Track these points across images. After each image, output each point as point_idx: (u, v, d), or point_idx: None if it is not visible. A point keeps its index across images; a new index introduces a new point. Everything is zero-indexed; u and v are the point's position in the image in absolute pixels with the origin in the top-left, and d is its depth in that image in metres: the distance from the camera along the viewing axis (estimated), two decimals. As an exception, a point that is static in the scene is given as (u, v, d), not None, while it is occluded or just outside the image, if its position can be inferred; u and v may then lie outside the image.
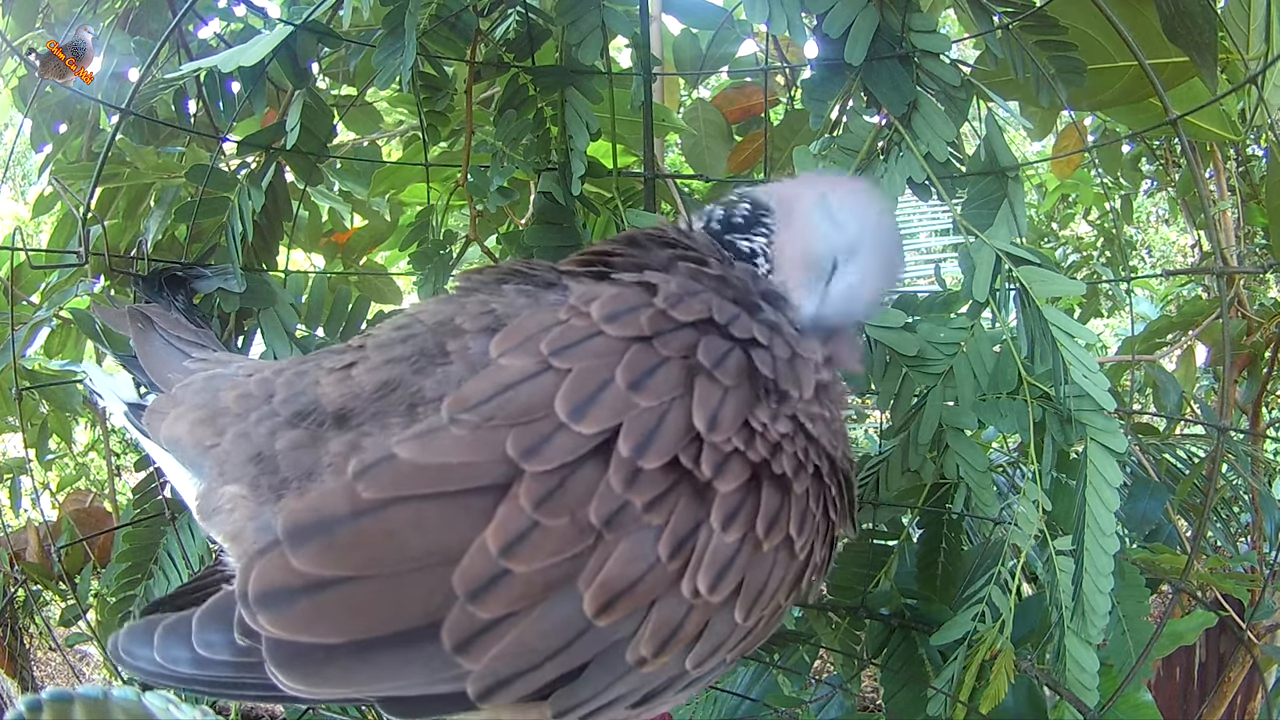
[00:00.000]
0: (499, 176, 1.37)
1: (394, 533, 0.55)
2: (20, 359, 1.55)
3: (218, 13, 1.55)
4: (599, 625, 0.57)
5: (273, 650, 0.55)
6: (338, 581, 0.55)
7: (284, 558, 0.56)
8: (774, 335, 0.67)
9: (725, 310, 0.65)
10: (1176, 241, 5.20)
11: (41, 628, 2.25)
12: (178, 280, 1.07)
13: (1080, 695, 1.02)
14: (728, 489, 0.60)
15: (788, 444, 0.63)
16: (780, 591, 0.64)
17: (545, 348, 0.61)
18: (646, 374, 0.60)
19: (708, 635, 0.61)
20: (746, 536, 0.60)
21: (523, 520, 0.56)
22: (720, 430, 0.60)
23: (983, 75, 1.37)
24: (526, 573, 0.55)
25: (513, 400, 0.59)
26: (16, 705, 0.48)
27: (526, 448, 0.57)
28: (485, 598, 0.55)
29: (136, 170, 1.51)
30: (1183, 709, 2.16)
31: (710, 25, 1.83)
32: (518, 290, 0.70)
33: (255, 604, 0.56)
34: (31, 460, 1.89)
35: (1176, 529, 1.75)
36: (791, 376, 0.65)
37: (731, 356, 0.63)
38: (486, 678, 0.56)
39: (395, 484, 0.56)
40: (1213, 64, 1.17)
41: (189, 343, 0.86)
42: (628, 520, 0.57)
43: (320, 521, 0.56)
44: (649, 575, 0.57)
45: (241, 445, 0.65)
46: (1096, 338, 1.06)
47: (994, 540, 1.36)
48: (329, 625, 0.55)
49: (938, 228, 3.86)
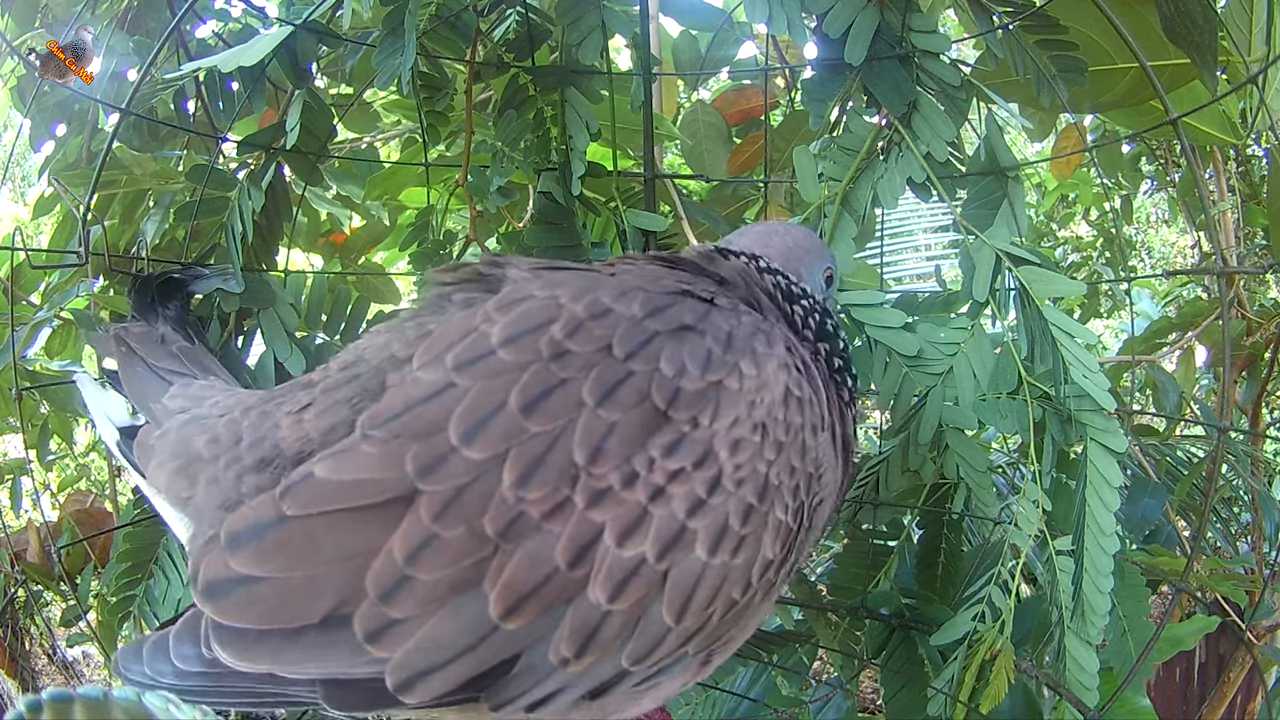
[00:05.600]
0: (499, 177, 1.37)
1: (312, 538, 0.63)
2: (20, 359, 1.55)
3: (215, 14, 1.55)
4: (508, 627, 0.61)
5: (215, 631, 0.64)
6: (266, 578, 0.63)
7: (224, 557, 0.64)
8: (706, 357, 0.67)
9: (631, 337, 0.66)
10: (1176, 242, 5.20)
11: (42, 628, 2.25)
12: (172, 286, 1.07)
13: (1080, 695, 1.02)
14: (610, 516, 0.62)
15: (685, 475, 0.64)
16: (724, 591, 0.65)
17: (451, 361, 0.65)
18: (541, 396, 0.63)
19: (639, 635, 0.64)
20: (644, 553, 0.62)
21: (423, 531, 0.61)
22: (601, 464, 0.62)
23: (983, 76, 1.37)
24: (430, 580, 0.61)
25: (419, 417, 0.64)
26: (16, 705, 0.48)
27: (423, 466, 0.62)
28: (394, 600, 0.61)
29: (134, 176, 1.51)
30: (1182, 709, 2.16)
31: (709, 27, 1.82)
32: (465, 301, 0.74)
33: (201, 593, 0.64)
34: (32, 461, 1.89)
35: (1176, 530, 1.75)
36: (703, 403, 0.66)
37: (625, 386, 0.64)
38: (404, 669, 0.61)
39: (313, 500, 0.63)
40: (1213, 65, 1.17)
41: (171, 371, 0.91)
42: (525, 529, 0.61)
43: (251, 528, 0.64)
44: (552, 581, 0.61)
45: (213, 492, 0.72)
46: (1096, 338, 1.06)
47: (994, 540, 1.37)
48: (259, 613, 0.62)
49: (937, 227, 3.86)
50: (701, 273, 0.81)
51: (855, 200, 1.16)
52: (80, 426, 2.21)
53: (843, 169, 1.16)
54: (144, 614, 1.23)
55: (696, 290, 0.73)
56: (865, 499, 1.30)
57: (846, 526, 1.40)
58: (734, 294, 0.79)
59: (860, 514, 1.34)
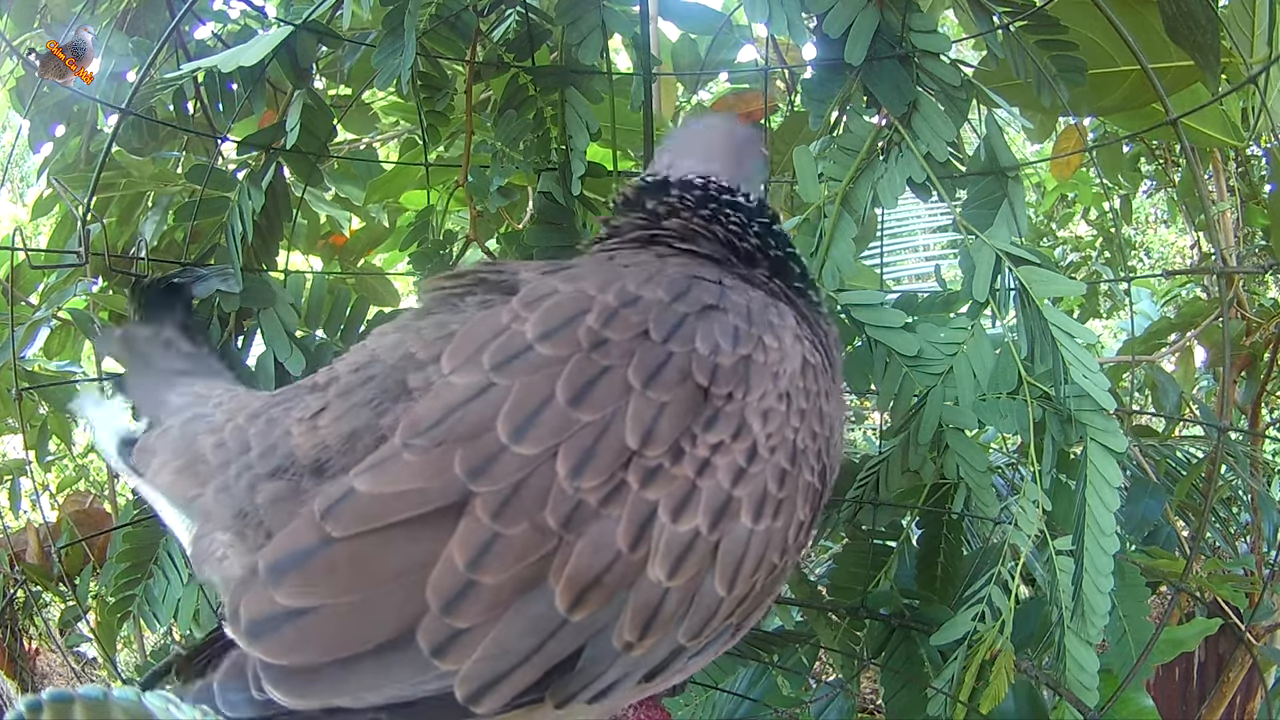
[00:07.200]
0: (499, 177, 1.37)
1: (362, 559, 0.60)
2: (20, 359, 1.55)
3: (214, 15, 1.55)
4: (575, 620, 0.60)
5: (266, 672, 0.60)
6: (315, 609, 0.60)
7: (267, 592, 0.60)
8: (735, 333, 0.69)
9: (665, 321, 0.67)
10: (1175, 243, 5.21)
11: (42, 629, 2.24)
12: (174, 290, 1.06)
13: (1080, 695, 1.02)
14: (664, 494, 0.62)
15: (725, 447, 0.65)
16: (767, 557, 0.67)
17: (488, 361, 0.64)
18: (587, 386, 0.63)
19: (694, 610, 0.64)
20: (698, 527, 0.63)
21: (484, 533, 0.59)
22: (654, 446, 0.63)
23: (984, 77, 1.37)
24: (494, 583, 0.59)
25: (461, 421, 0.62)
26: (16, 705, 0.48)
27: (474, 468, 0.60)
28: (458, 609, 0.59)
29: (133, 179, 1.51)
30: (1182, 709, 2.16)
31: (708, 30, 1.82)
32: (480, 304, 0.73)
33: (246, 635, 0.60)
34: (31, 461, 1.89)
35: (1175, 530, 1.75)
36: (737, 377, 0.67)
37: (668, 368, 0.65)
38: (473, 680, 0.59)
39: (357, 519, 0.61)
40: (1215, 65, 1.17)
41: (176, 373, 0.90)
42: (585, 517, 0.60)
43: (293, 556, 0.61)
44: (614, 566, 0.61)
45: (224, 500, 0.69)
46: (1096, 338, 1.06)
47: (994, 541, 1.36)
48: (312, 647, 0.59)
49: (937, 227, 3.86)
50: (684, 251, 0.81)
51: (855, 200, 1.16)
52: (79, 427, 2.21)
53: (843, 169, 1.16)
54: (143, 614, 1.23)
55: (704, 274, 0.74)
56: (865, 499, 1.30)
57: (846, 526, 1.40)
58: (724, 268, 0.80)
59: (860, 514, 1.34)
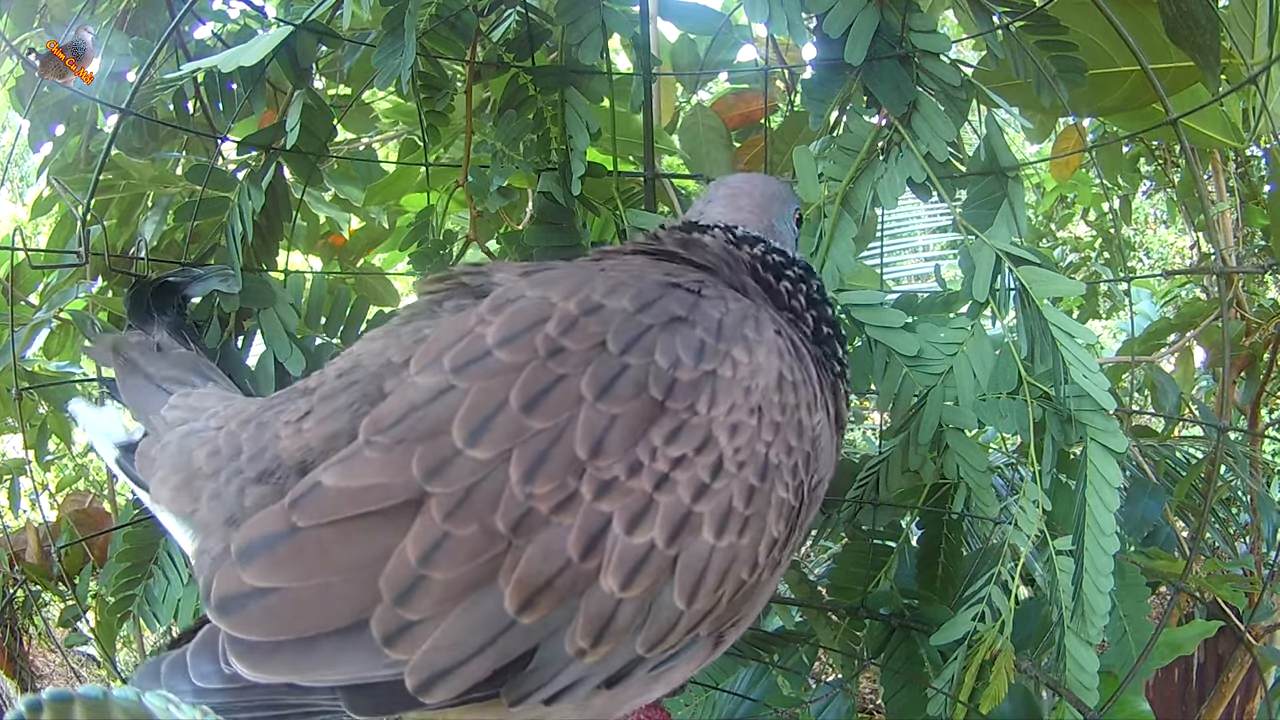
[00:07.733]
0: (499, 177, 1.37)
1: (324, 547, 0.63)
2: (20, 360, 1.55)
3: (213, 15, 1.55)
4: (525, 621, 0.62)
5: (232, 646, 0.64)
6: (279, 590, 0.63)
7: (236, 571, 0.64)
8: (699, 347, 0.68)
9: (624, 332, 0.67)
10: (1174, 243, 5.21)
11: (41, 629, 2.24)
12: (167, 291, 1.05)
13: (1080, 695, 1.02)
14: (618, 506, 0.63)
15: (687, 462, 0.65)
16: (733, 572, 0.67)
17: (449, 364, 0.66)
18: (540, 394, 0.64)
19: (651, 622, 0.65)
20: (654, 540, 0.63)
21: (436, 531, 0.61)
22: (604, 457, 0.63)
23: (984, 78, 1.37)
24: (444, 579, 0.61)
25: (421, 420, 0.64)
26: (16, 705, 0.48)
27: (430, 469, 0.63)
28: (409, 601, 0.61)
29: (132, 181, 1.51)
30: (1182, 710, 2.16)
31: (708, 30, 1.82)
32: (456, 306, 0.75)
33: (216, 609, 0.65)
34: (31, 461, 1.89)
35: (1174, 531, 1.75)
36: (698, 392, 0.67)
37: (622, 380, 0.65)
38: (423, 670, 0.62)
39: (322, 509, 0.64)
40: (1215, 65, 1.17)
41: (169, 379, 0.91)
42: (536, 524, 0.62)
43: (262, 541, 0.65)
44: (565, 573, 0.62)
45: (216, 508, 0.72)
46: (1096, 338, 1.06)
47: (994, 541, 1.36)
48: (275, 625, 0.63)
49: (937, 227, 3.86)
50: (684, 261, 0.82)
51: (855, 200, 1.16)
52: (78, 427, 2.21)
53: (843, 169, 1.16)
54: (143, 614, 1.22)
55: (683, 282, 0.74)
56: (865, 499, 1.30)
57: (846, 526, 1.40)
58: (719, 279, 0.80)
59: (860, 514, 1.34)
